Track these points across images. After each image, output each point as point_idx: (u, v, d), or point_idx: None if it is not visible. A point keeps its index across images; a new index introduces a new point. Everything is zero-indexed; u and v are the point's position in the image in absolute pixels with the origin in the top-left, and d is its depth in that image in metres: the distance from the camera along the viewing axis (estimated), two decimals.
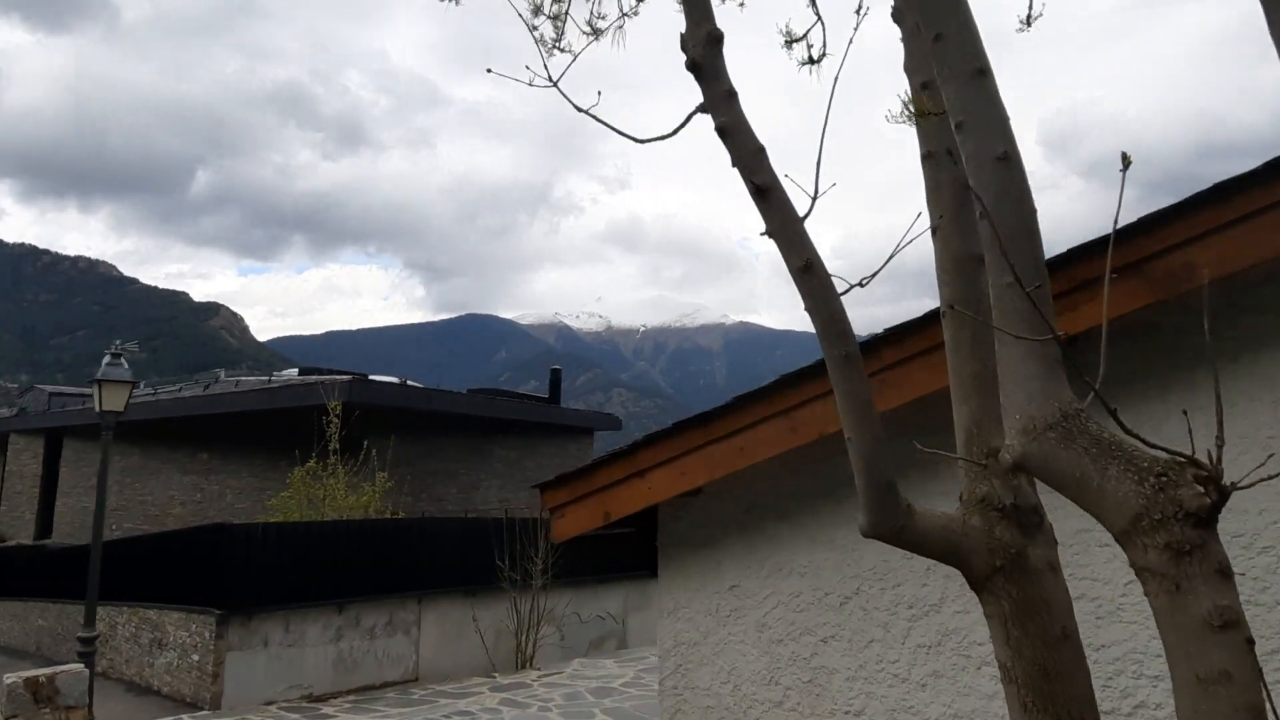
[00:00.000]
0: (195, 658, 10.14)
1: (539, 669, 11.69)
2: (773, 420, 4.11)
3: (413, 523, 12.42)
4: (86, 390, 27.86)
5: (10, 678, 6.86)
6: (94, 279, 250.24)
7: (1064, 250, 2.99)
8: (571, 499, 4.92)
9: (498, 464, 19.01)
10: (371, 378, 16.19)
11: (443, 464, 17.15)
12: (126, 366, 10.18)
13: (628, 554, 16.34)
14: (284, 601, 10.30)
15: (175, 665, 10.60)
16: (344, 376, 14.10)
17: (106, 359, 9.54)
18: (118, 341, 10.89)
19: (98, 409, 9.09)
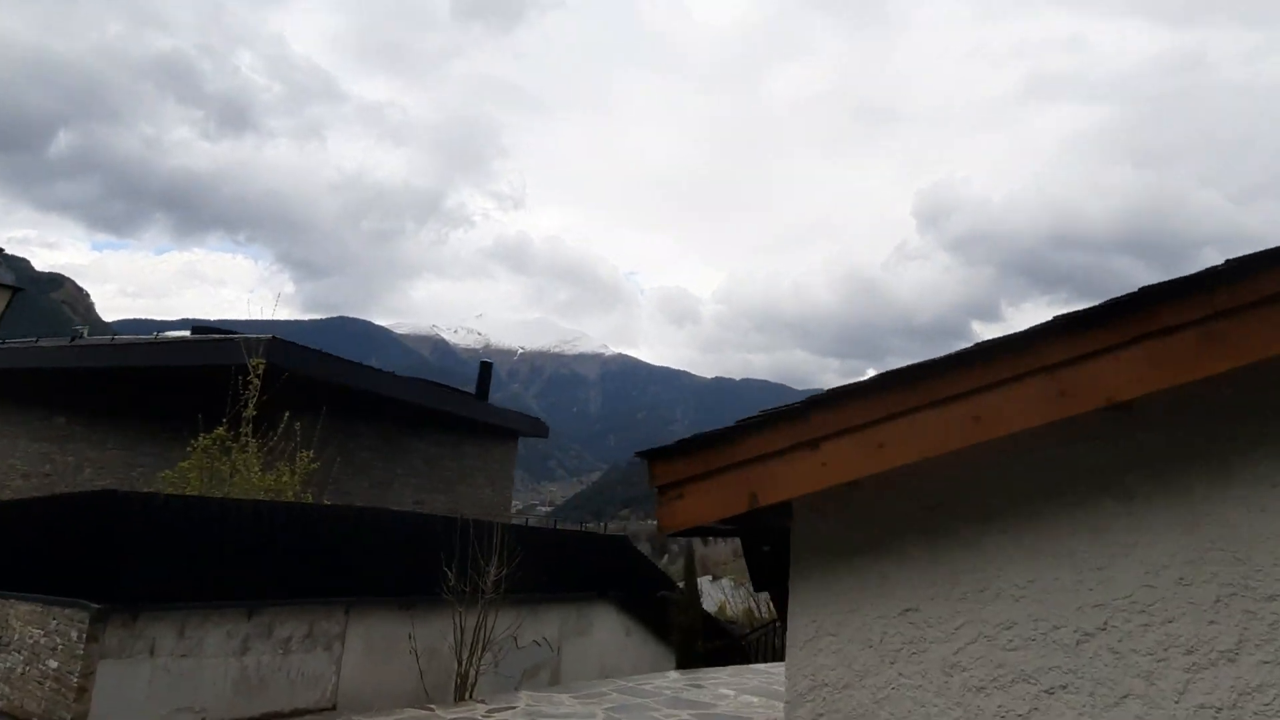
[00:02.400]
0: (52, 664, 7.72)
1: (483, 701, 9.82)
2: (1030, 379, 2.92)
3: (351, 512, 10.35)
4: None
5: None
6: None
7: None
8: (699, 473, 3.54)
9: (418, 460, 16.85)
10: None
11: (357, 453, 14.88)
12: None
13: (574, 567, 14.65)
14: (180, 598, 8.08)
15: (19, 673, 8.10)
16: (263, 336, 11.85)
17: None
18: None
19: None
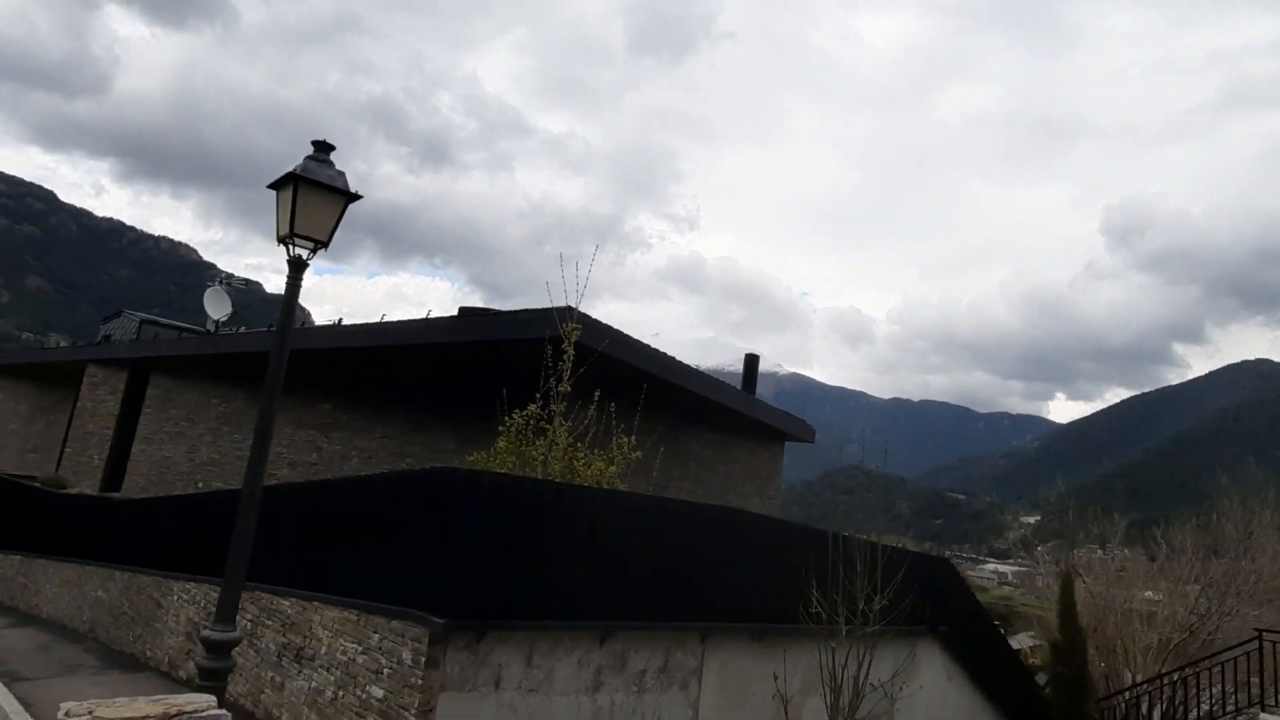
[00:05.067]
0: (376, 692, 5.88)
1: None
2: None
3: (714, 512, 8.10)
4: (182, 324, 24.41)
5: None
6: (174, 260, 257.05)
7: None
8: None
9: (691, 461, 14.65)
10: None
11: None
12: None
13: (902, 591, 11.73)
14: (525, 614, 6.04)
15: (330, 698, 6.37)
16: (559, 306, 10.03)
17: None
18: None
19: (288, 224, 4.99)
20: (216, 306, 20.65)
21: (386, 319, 13.23)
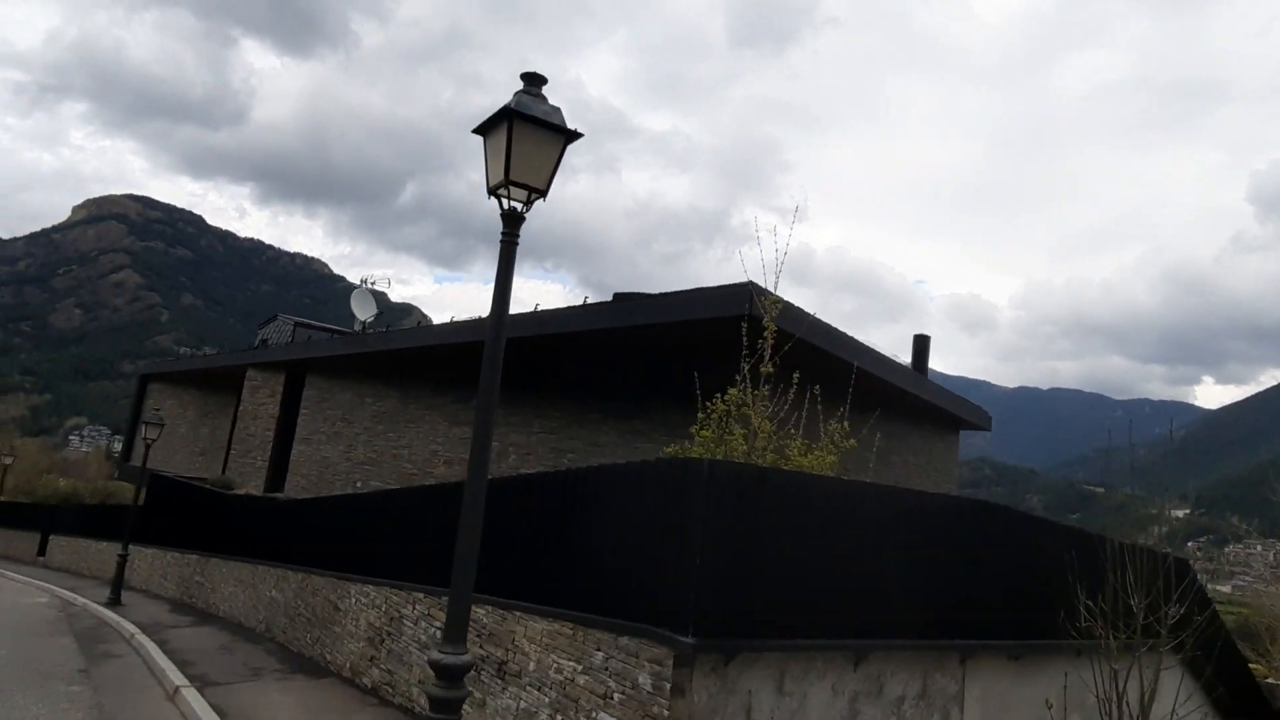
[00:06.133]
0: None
1: None
2: None
3: (971, 507, 6.95)
4: (333, 326, 25.01)
5: None
6: (308, 274, 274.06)
7: None
8: None
9: (866, 451, 13.36)
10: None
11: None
12: None
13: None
14: (779, 632, 5.07)
15: None
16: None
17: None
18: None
19: (503, 170, 4.20)
20: (363, 308, 20.84)
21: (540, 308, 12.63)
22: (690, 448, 7.66)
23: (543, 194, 4.44)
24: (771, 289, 8.59)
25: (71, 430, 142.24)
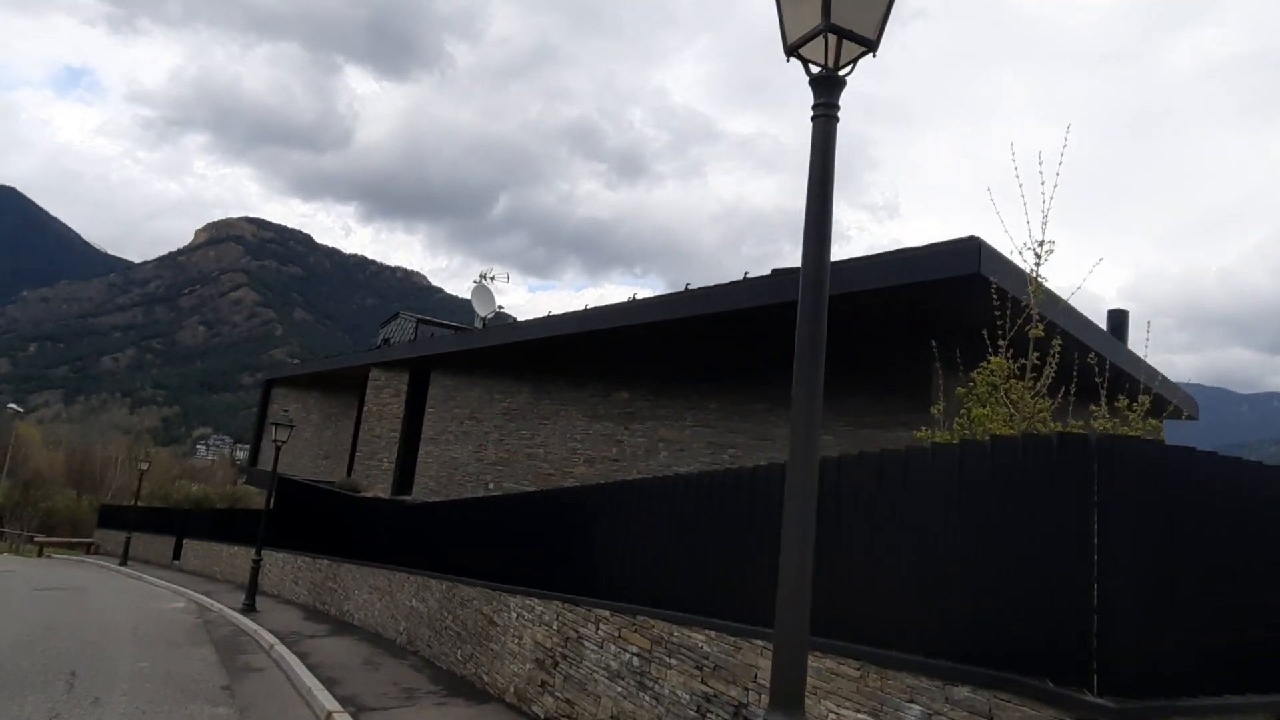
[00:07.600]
0: None
1: None
2: None
3: None
4: (454, 324, 24.50)
5: None
6: (409, 287, 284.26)
7: None
8: None
9: None
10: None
11: None
12: None
13: None
14: (1205, 685, 3.51)
15: None
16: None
17: None
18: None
19: (821, 10, 2.88)
20: (483, 303, 20.07)
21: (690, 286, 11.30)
22: (938, 432, 6.18)
23: (873, 48, 3.05)
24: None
25: (198, 440, 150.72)
